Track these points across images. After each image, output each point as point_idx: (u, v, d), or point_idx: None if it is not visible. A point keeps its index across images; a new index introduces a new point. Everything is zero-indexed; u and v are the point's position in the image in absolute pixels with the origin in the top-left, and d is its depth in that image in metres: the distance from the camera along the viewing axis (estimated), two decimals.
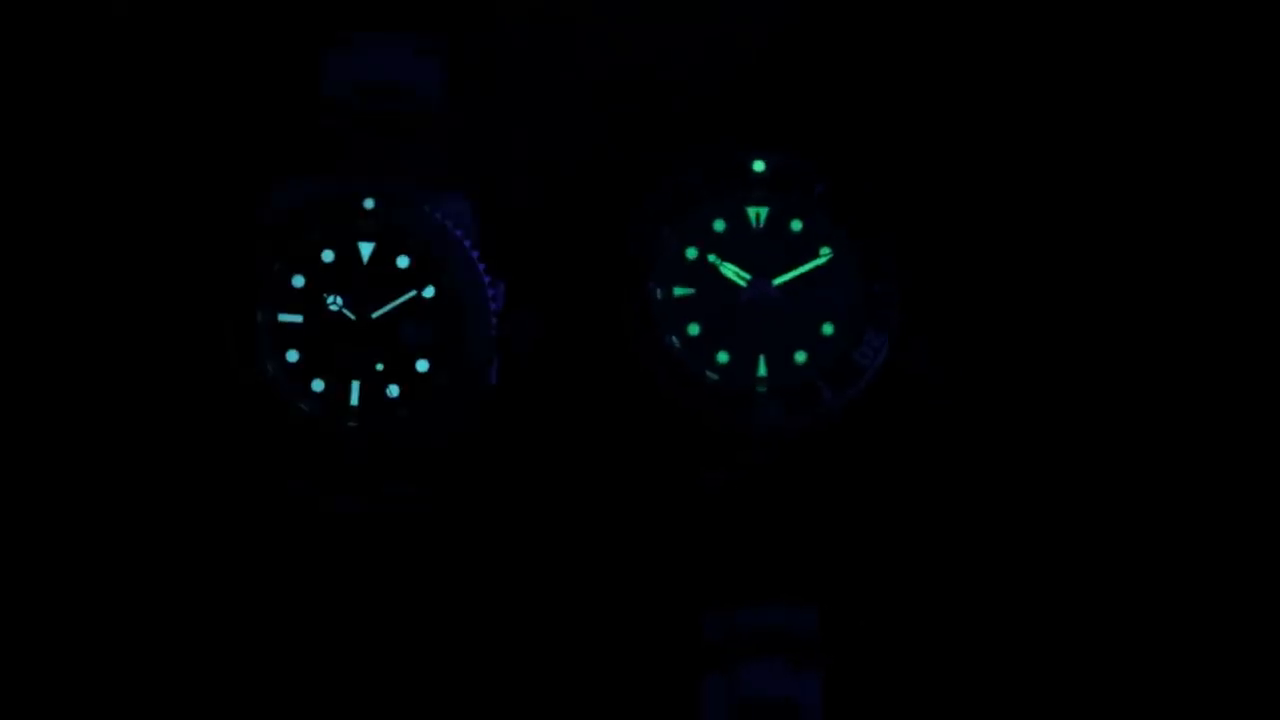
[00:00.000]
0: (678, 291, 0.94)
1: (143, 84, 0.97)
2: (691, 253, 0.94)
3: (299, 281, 0.92)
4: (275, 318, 0.92)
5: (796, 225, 0.94)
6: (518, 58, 0.99)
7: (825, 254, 0.94)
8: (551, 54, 0.99)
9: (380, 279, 0.92)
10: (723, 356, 0.94)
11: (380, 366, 0.92)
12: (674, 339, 0.93)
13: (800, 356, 0.94)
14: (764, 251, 0.94)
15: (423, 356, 0.92)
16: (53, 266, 0.96)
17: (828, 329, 0.94)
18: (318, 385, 0.92)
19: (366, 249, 0.92)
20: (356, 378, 0.92)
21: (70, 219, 0.97)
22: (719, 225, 0.94)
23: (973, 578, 0.97)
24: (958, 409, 0.97)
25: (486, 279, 0.92)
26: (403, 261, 0.92)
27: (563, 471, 0.97)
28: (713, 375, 0.93)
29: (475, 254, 0.92)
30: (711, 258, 0.94)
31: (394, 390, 0.92)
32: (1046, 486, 0.97)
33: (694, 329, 0.94)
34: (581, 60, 0.99)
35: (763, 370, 0.93)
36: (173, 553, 0.95)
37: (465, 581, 0.96)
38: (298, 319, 0.92)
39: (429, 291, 0.92)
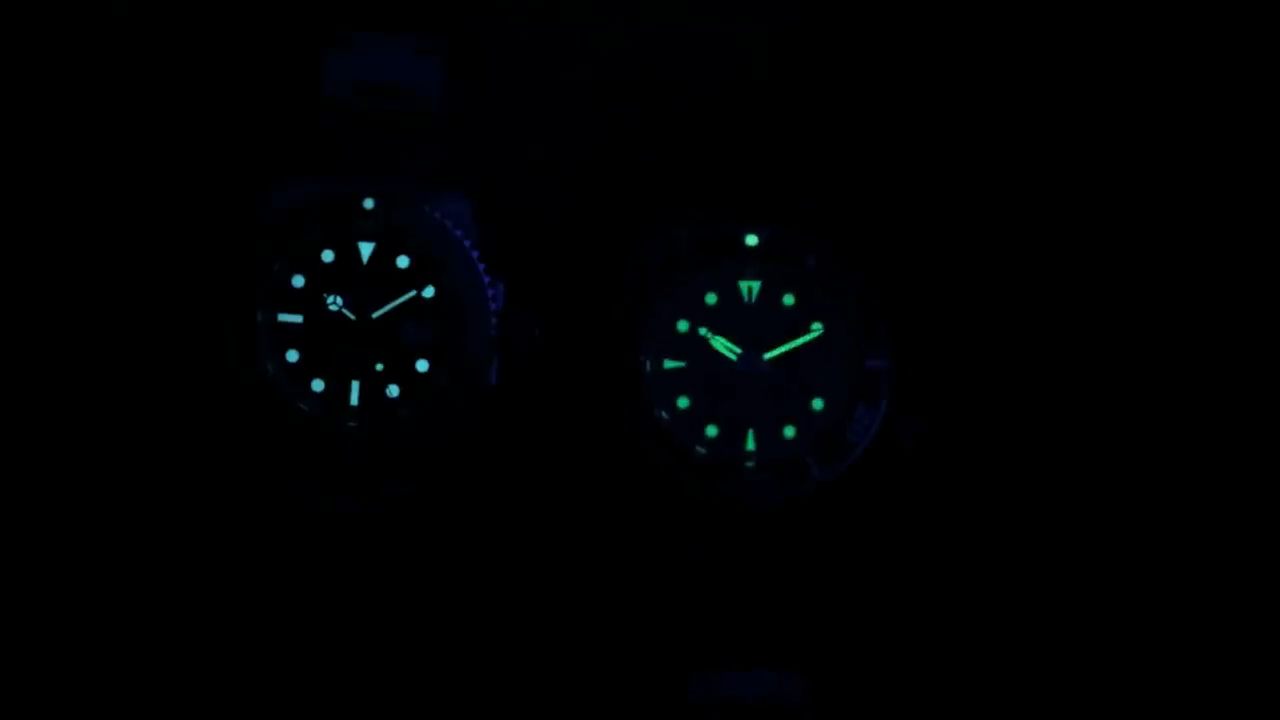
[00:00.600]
0: (668, 364, 0.94)
1: (143, 84, 0.97)
2: (683, 325, 0.94)
3: (299, 281, 0.92)
4: (275, 318, 0.92)
5: (789, 299, 0.94)
6: (518, 58, 0.99)
7: (817, 329, 0.94)
8: (551, 54, 0.99)
9: (380, 279, 0.92)
10: (711, 430, 0.93)
11: (380, 366, 0.92)
12: (663, 412, 0.93)
13: (789, 431, 0.93)
14: (755, 325, 0.94)
15: (423, 356, 0.92)
16: (53, 266, 0.96)
17: (818, 404, 0.93)
18: (318, 385, 0.92)
19: (366, 249, 0.92)
20: (356, 378, 0.92)
21: (70, 219, 0.97)
22: (711, 298, 0.94)
23: (964, 648, 0.97)
24: (948, 483, 0.97)
25: (486, 279, 0.92)
26: (403, 262, 0.92)
27: (560, 475, 0.97)
28: (701, 449, 0.93)
29: (475, 254, 0.92)
30: (703, 331, 0.94)
31: (394, 390, 0.92)
32: (1037, 559, 0.97)
33: (683, 402, 0.94)
34: (582, 60, 0.99)
35: (751, 444, 0.93)
36: (173, 553, 0.95)
37: (465, 582, 0.96)
38: (298, 319, 0.92)
39: (429, 291, 0.92)
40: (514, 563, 0.97)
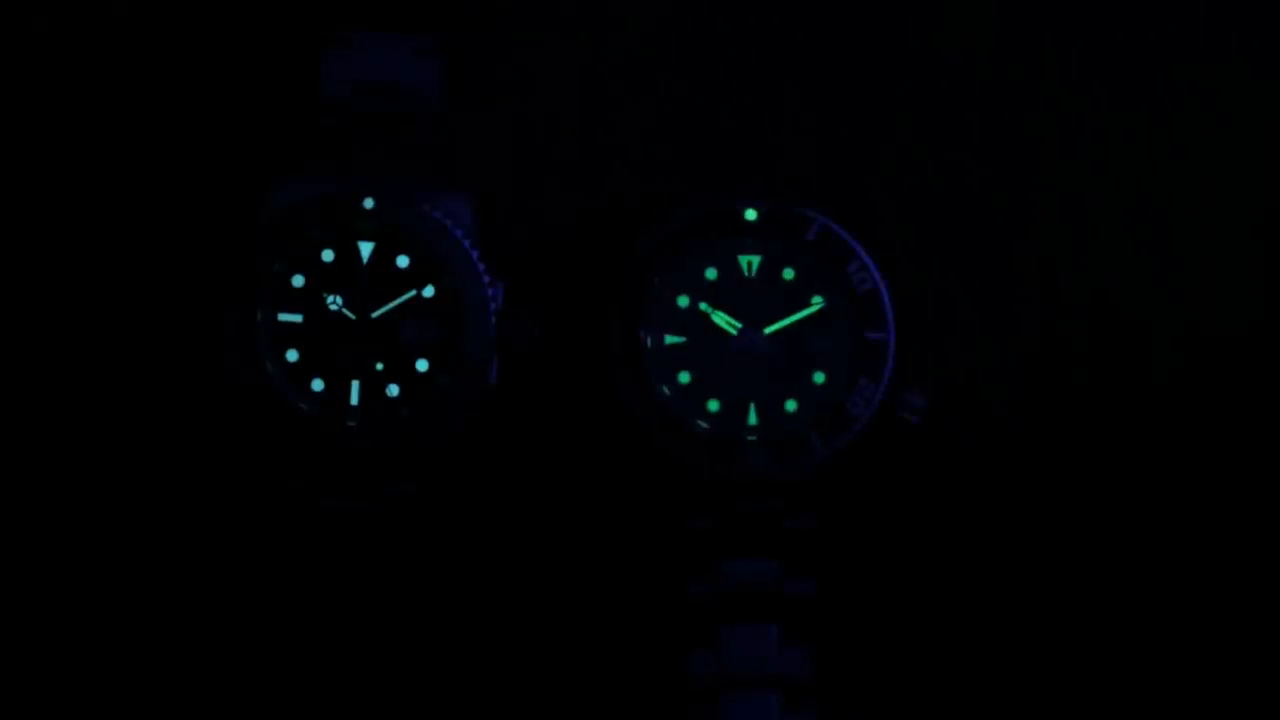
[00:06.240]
0: (668, 340, 0.94)
1: (143, 84, 0.98)
2: (683, 301, 0.94)
3: (299, 281, 0.92)
4: (275, 317, 0.92)
5: (788, 274, 0.94)
6: (518, 58, 0.99)
7: (817, 303, 0.94)
8: (551, 54, 0.99)
9: (380, 279, 0.92)
10: (713, 405, 0.93)
11: (380, 366, 0.92)
12: (664, 388, 0.93)
13: (791, 405, 0.93)
14: (755, 300, 0.94)
15: (423, 356, 0.92)
16: (53, 266, 0.96)
17: (819, 378, 0.94)
18: (318, 385, 0.92)
19: (366, 249, 0.92)
20: (356, 377, 0.92)
21: (70, 219, 0.97)
22: (710, 274, 0.94)
23: (967, 622, 0.97)
24: (949, 456, 0.97)
25: (486, 279, 0.92)
26: (402, 261, 0.92)
27: (560, 473, 0.97)
28: (703, 424, 0.93)
29: (475, 254, 0.92)
30: (703, 306, 0.94)
31: (394, 390, 0.92)
32: (1040, 533, 0.97)
33: (684, 377, 0.94)
34: (582, 59, 0.99)
35: (753, 419, 0.93)
36: (172, 552, 0.95)
37: (463, 582, 0.96)
38: (297, 319, 0.92)
39: (429, 291, 0.92)
40: (515, 562, 0.97)
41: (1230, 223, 0.99)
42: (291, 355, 0.92)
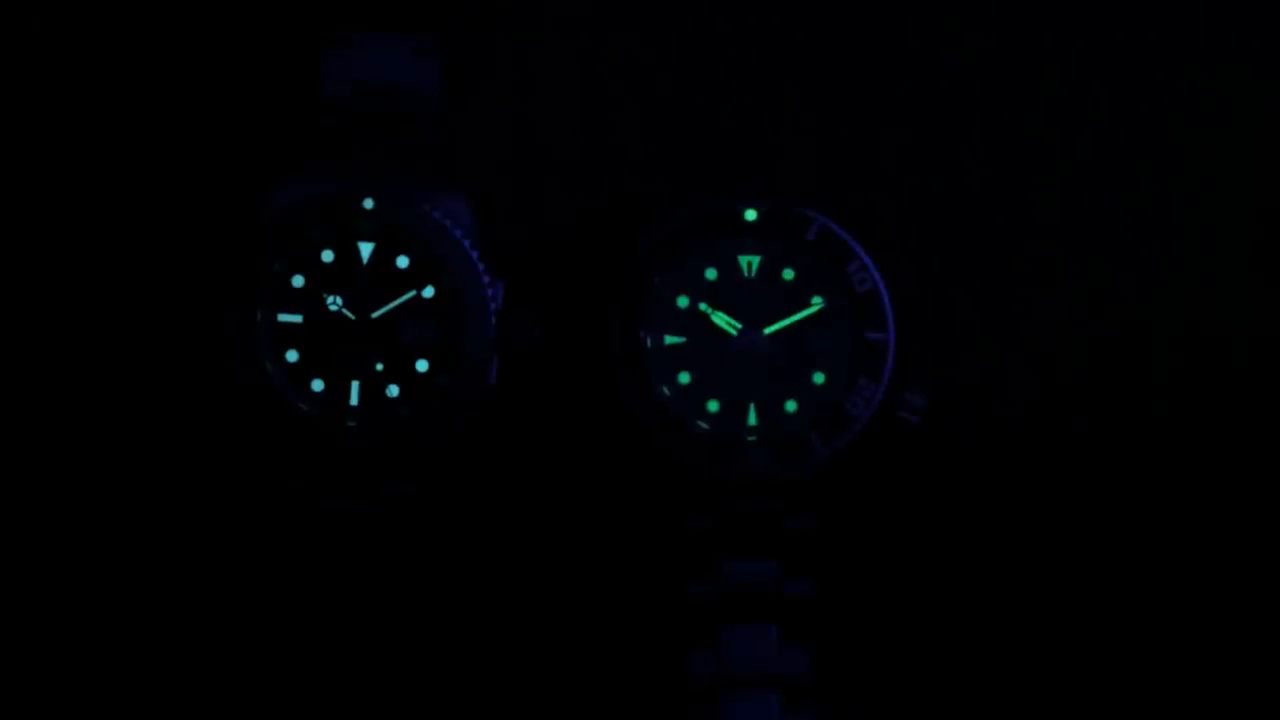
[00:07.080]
0: (668, 340, 0.94)
1: (143, 84, 0.98)
2: (683, 301, 0.94)
3: (299, 281, 0.92)
4: (275, 317, 0.92)
5: (788, 274, 0.94)
6: (518, 58, 0.99)
7: (817, 303, 0.94)
8: (551, 54, 0.99)
9: (380, 279, 0.92)
10: (713, 405, 0.93)
11: (380, 366, 0.92)
12: (664, 388, 0.93)
13: (791, 405, 0.93)
14: (755, 300, 0.94)
15: (423, 356, 0.92)
16: (53, 266, 0.96)
17: (819, 378, 0.94)
18: (318, 385, 0.92)
19: (366, 249, 0.92)
20: (356, 378, 0.92)
21: (70, 219, 0.97)
22: (710, 274, 0.94)
23: (967, 622, 0.97)
24: (949, 457, 0.97)
25: (486, 279, 0.92)
26: (402, 261, 0.92)
27: (560, 473, 0.97)
28: (703, 424, 0.93)
29: (475, 254, 0.92)
30: (703, 306, 0.94)
31: (394, 390, 0.92)
32: (1040, 533, 0.97)
33: (684, 378, 0.94)
34: (582, 59, 0.99)
35: (753, 419, 0.93)
36: (172, 552, 0.95)
37: (463, 582, 0.96)
38: (297, 319, 0.92)
39: (428, 291, 0.92)
40: (515, 562, 0.97)
41: (1230, 223, 1.00)
42: (291, 355, 0.92)
